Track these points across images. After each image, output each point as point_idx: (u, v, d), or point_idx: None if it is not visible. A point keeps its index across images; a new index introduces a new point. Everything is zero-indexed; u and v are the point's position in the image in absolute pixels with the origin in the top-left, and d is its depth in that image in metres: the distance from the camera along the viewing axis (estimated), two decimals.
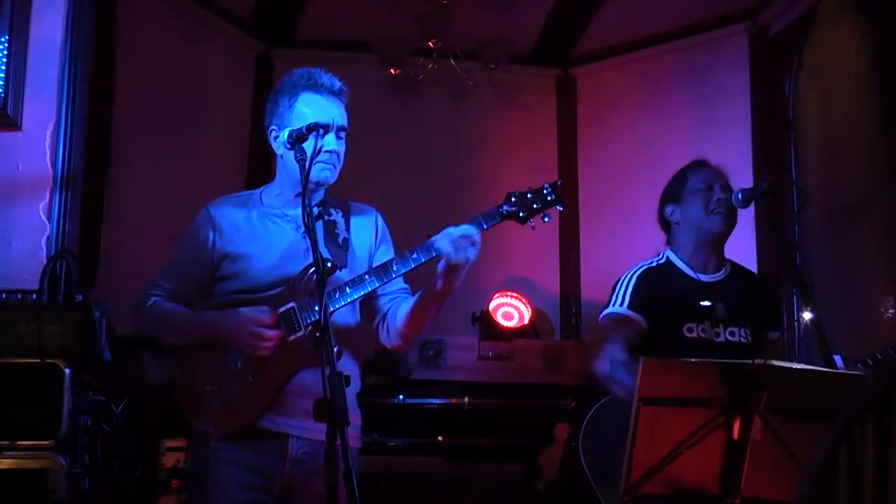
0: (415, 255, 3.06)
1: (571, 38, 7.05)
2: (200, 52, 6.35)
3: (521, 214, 3.08)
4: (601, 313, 3.89)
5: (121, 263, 5.23)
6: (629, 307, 3.78)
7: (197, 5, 6.27)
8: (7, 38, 4.08)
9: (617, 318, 3.80)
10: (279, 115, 3.25)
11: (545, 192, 3.10)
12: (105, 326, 3.56)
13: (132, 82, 5.54)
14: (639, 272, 3.87)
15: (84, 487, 3.48)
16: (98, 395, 3.64)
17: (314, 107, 3.21)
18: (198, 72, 6.31)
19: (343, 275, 3.15)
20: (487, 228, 3.07)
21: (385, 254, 3.36)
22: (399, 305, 3.29)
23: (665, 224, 4.00)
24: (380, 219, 3.46)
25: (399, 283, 3.35)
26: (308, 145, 2.98)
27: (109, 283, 4.85)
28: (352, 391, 3.20)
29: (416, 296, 3.23)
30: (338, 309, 3.10)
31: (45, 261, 3.84)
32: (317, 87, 3.23)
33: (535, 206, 3.09)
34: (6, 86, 4.06)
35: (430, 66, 6.46)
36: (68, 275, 3.85)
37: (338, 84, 3.27)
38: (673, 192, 3.96)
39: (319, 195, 3.32)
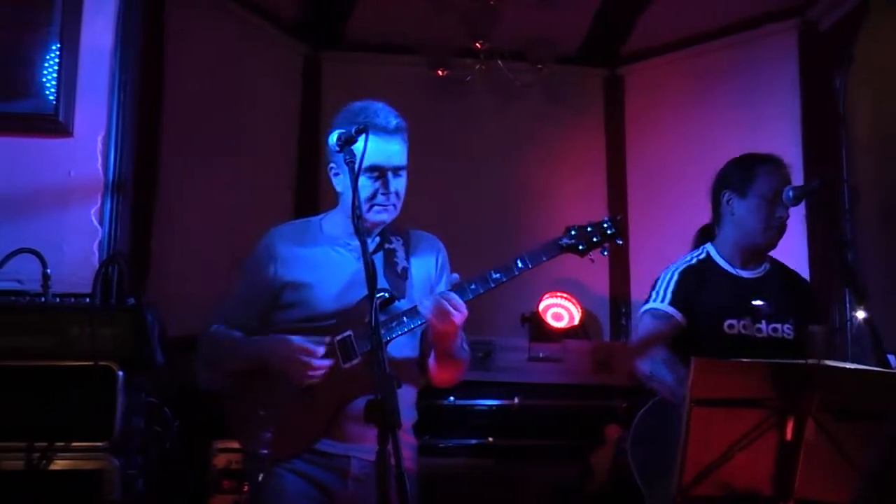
0: (472, 286, 3.03)
1: (619, 37, 7.04)
2: (248, 55, 6.39)
3: (580, 248, 3.09)
4: (641, 308, 3.86)
5: (171, 267, 5.28)
6: (670, 304, 3.74)
7: (245, 10, 6.32)
8: (59, 45, 4.13)
9: (657, 315, 3.76)
10: (336, 155, 3.12)
11: (605, 225, 3.11)
12: (157, 329, 3.59)
13: (181, 87, 5.60)
14: (680, 270, 3.82)
15: (138, 488, 3.51)
16: (150, 396, 3.68)
17: (370, 148, 2.98)
18: (246, 75, 6.36)
19: (402, 304, 3.12)
20: (547, 261, 3.07)
21: (445, 287, 3.23)
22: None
23: (716, 205, 3.92)
24: (442, 252, 3.38)
25: None
26: (357, 147, 2.90)
27: (160, 287, 4.90)
28: (407, 419, 3.21)
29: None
30: (394, 338, 3.06)
31: (97, 265, 3.88)
32: (373, 129, 3.01)
33: (594, 239, 3.09)
34: (58, 93, 4.11)
35: (477, 67, 6.48)
36: (120, 278, 3.88)
37: (394, 122, 3.11)
38: (737, 181, 3.80)
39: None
